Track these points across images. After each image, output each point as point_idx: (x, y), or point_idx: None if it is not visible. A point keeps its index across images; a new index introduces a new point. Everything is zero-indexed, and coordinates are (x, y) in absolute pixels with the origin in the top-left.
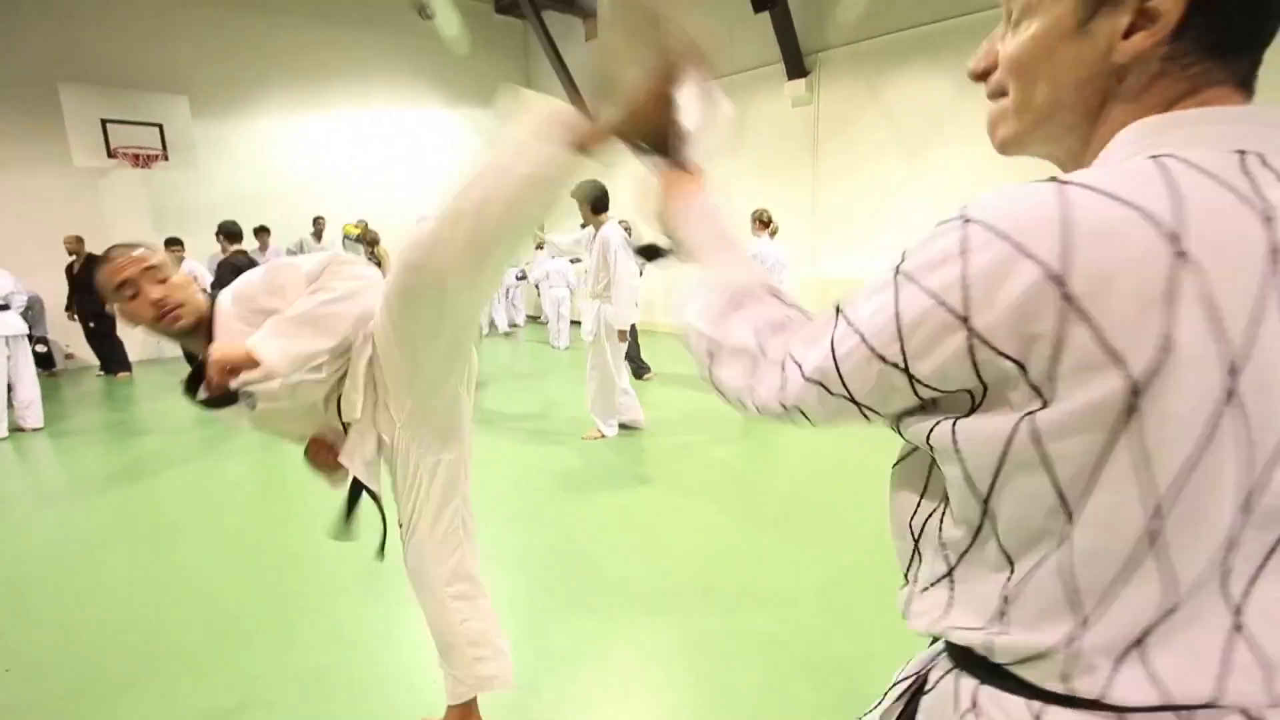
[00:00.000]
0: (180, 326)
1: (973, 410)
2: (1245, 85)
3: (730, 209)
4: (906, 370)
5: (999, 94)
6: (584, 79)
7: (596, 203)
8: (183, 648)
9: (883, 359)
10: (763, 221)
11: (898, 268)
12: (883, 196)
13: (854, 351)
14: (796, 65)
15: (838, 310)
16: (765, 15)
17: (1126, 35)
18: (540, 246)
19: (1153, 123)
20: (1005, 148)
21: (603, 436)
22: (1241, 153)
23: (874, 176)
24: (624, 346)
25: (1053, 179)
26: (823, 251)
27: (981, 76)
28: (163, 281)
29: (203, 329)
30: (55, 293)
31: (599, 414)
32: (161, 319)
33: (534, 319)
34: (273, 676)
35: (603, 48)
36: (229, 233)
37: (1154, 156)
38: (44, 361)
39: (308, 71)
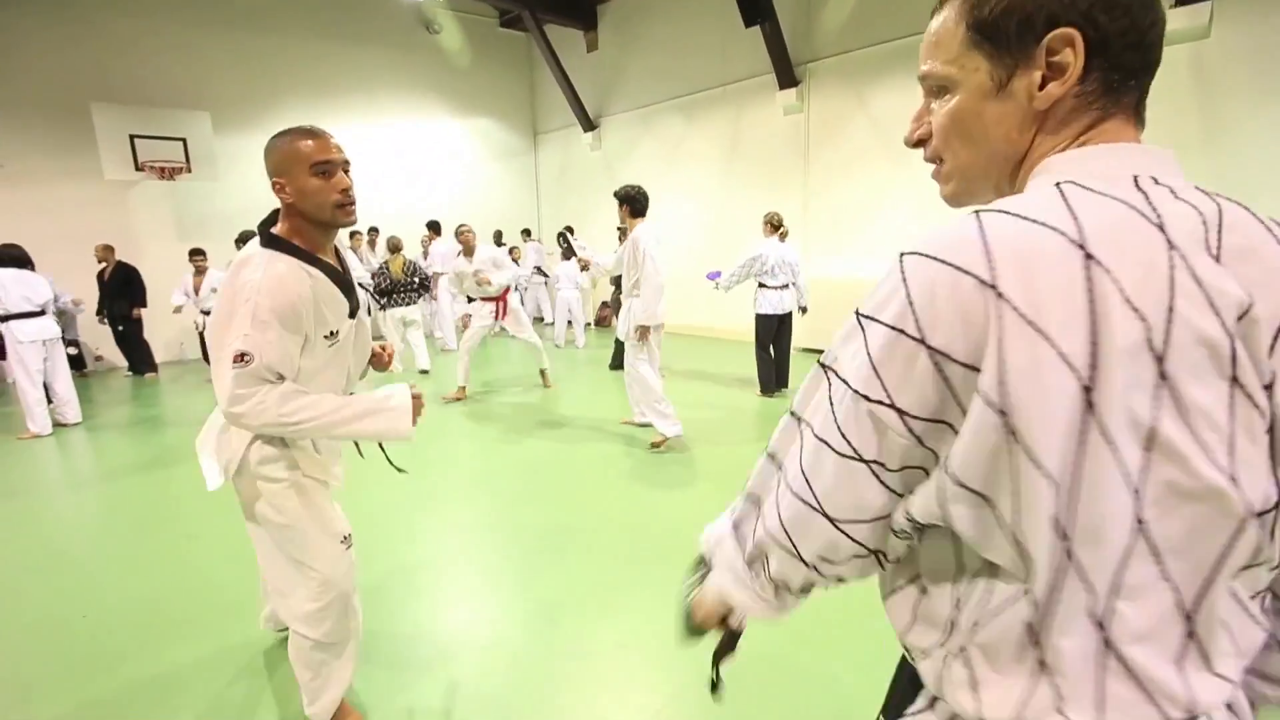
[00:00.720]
0: (349, 222)
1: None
2: (1138, 112)
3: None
4: (892, 405)
5: (936, 160)
6: (585, 88)
7: (635, 206)
8: (224, 599)
9: (867, 398)
10: (773, 224)
11: (859, 312)
12: (870, 199)
13: (845, 399)
14: (787, 76)
15: (824, 367)
16: (757, 29)
17: (1042, 86)
18: (568, 256)
19: (1056, 159)
20: (954, 202)
21: (664, 440)
22: (1135, 176)
23: (862, 180)
24: (643, 346)
25: (974, 211)
26: (814, 252)
27: (918, 144)
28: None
29: (333, 239)
30: (86, 297)
31: (653, 416)
32: (342, 208)
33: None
34: None
35: None
36: (248, 240)
37: (1057, 184)
38: (75, 363)
39: (321, 86)
